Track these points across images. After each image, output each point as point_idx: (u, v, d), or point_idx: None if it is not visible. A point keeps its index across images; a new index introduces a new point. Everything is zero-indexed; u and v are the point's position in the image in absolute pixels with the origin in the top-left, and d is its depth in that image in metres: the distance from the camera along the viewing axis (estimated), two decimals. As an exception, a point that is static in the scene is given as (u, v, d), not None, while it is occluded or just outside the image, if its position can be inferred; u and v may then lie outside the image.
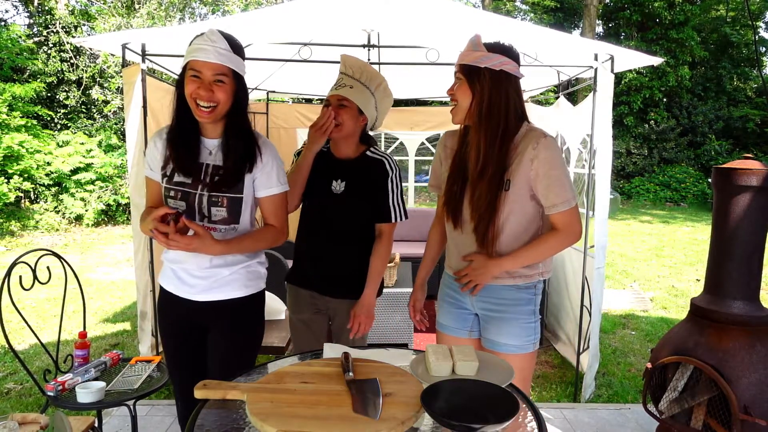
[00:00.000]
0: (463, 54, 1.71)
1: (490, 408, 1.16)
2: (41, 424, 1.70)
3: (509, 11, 19.16)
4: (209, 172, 1.72)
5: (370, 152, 2.11)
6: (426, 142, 5.80)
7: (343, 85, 2.03)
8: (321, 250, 2.11)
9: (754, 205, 2.20)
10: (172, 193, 1.71)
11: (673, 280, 6.72)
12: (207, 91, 1.61)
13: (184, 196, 1.71)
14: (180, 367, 1.92)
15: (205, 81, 1.61)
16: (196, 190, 1.71)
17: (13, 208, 9.57)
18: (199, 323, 1.86)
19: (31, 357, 3.94)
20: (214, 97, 1.62)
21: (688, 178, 15.56)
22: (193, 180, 1.71)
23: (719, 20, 18.56)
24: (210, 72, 1.61)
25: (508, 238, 1.72)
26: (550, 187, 1.66)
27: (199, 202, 1.71)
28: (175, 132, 1.72)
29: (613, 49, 3.24)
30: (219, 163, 1.73)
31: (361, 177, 2.07)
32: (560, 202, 1.67)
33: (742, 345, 2.19)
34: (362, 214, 2.09)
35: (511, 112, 1.68)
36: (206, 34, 1.63)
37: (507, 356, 1.74)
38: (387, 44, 3.58)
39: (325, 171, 2.09)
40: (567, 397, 3.42)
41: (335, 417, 1.18)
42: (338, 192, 2.07)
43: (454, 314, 1.89)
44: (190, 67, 1.62)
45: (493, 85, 1.66)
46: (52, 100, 11.73)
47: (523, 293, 1.78)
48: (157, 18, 11.70)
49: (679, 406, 2.28)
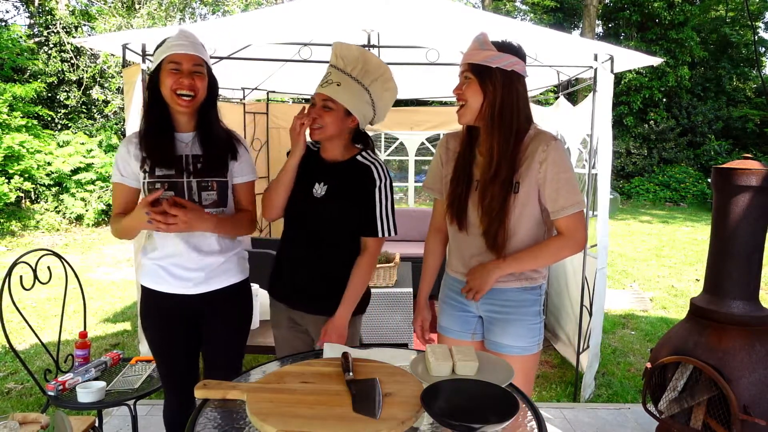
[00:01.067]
0: (471, 52, 1.66)
1: (490, 408, 1.16)
2: (42, 424, 1.70)
3: (509, 11, 19.16)
4: (190, 161, 1.80)
5: (361, 156, 1.90)
6: (426, 142, 5.81)
7: (330, 81, 1.80)
8: (298, 259, 1.91)
9: (754, 205, 2.20)
10: (158, 185, 1.76)
11: (672, 280, 6.72)
12: (188, 79, 1.71)
13: (172, 186, 1.77)
14: (173, 363, 1.94)
15: (185, 72, 1.71)
16: (182, 179, 1.78)
17: (13, 208, 9.58)
18: (192, 316, 1.89)
19: (32, 357, 3.94)
20: (194, 86, 1.72)
21: (687, 178, 15.56)
22: (176, 171, 1.78)
23: (719, 20, 18.56)
24: (189, 63, 1.71)
25: (518, 242, 1.70)
26: (559, 190, 1.64)
27: (188, 188, 1.78)
28: (151, 130, 1.78)
29: (612, 49, 3.24)
30: (197, 153, 1.81)
31: (345, 181, 1.86)
32: (569, 205, 1.64)
33: (741, 345, 2.19)
34: (343, 221, 1.88)
35: (521, 112, 1.67)
36: (179, 32, 1.74)
37: (511, 358, 1.72)
38: (387, 44, 3.58)
39: (309, 173, 1.90)
40: (567, 396, 3.42)
41: (335, 417, 1.18)
42: (318, 196, 1.87)
43: (457, 317, 1.86)
44: (169, 61, 1.70)
45: (505, 86, 1.63)
46: (53, 101, 11.73)
47: (529, 294, 1.76)
48: (158, 18, 11.71)
49: (678, 405, 2.28)
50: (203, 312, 1.89)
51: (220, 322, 1.91)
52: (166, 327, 1.90)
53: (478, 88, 1.64)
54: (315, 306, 1.90)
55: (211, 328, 1.91)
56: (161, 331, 1.91)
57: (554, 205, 1.66)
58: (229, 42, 3.47)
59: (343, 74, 1.80)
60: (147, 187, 1.77)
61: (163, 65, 1.71)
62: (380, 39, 3.72)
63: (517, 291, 1.75)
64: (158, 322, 1.91)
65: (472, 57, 1.65)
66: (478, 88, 1.64)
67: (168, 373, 1.96)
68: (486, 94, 1.64)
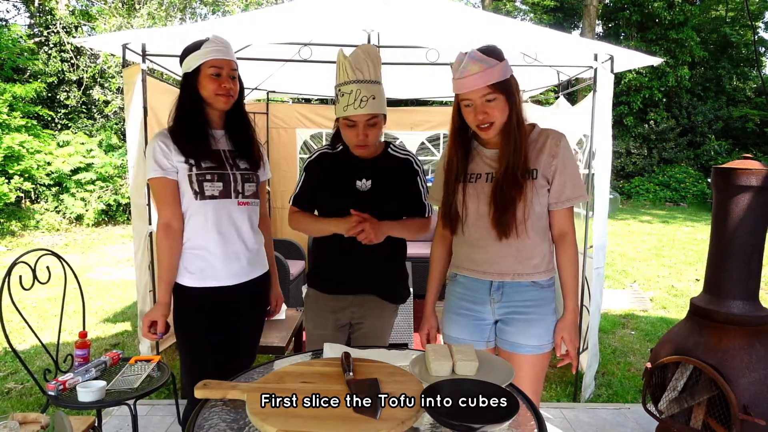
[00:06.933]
0: (483, 73, 1.61)
1: (490, 408, 1.16)
2: (42, 424, 1.70)
3: (509, 11, 19.16)
4: (227, 156, 1.95)
5: (391, 150, 2.08)
6: (426, 142, 5.80)
7: (364, 99, 1.83)
8: (346, 251, 2.00)
9: (754, 205, 2.20)
10: (209, 176, 1.88)
11: (672, 280, 6.72)
12: (228, 83, 1.87)
13: (221, 177, 1.90)
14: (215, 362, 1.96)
15: (225, 76, 1.87)
16: (228, 170, 1.92)
17: (13, 208, 9.57)
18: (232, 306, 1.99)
19: (32, 357, 3.94)
20: (233, 89, 1.90)
21: (687, 178, 15.56)
22: (219, 164, 1.91)
23: (719, 20, 18.56)
24: (228, 68, 1.88)
25: (534, 225, 1.74)
26: (566, 182, 1.72)
27: (234, 180, 1.93)
28: (192, 126, 1.89)
29: (612, 49, 3.24)
30: (230, 148, 1.96)
31: (389, 176, 2.02)
32: (575, 196, 1.72)
33: (741, 345, 2.19)
34: (389, 211, 2.01)
35: None
36: (213, 38, 1.88)
37: (525, 357, 1.74)
38: (387, 44, 3.58)
39: (348, 170, 2.02)
40: (567, 396, 3.42)
41: (335, 417, 1.18)
42: (364, 190, 2.00)
43: (471, 327, 1.84)
44: (210, 65, 1.84)
45: (516, 90, 1.68)
46: (53, 101, 11.72)
47: (546, 292, 1.79)
48: (158, 18, 11.70)
49: (678, 405, 2.28)
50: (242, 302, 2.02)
51: (255, 312, 2.11)
52: (212, 325, 1.97)
53: (505, 104, 1.66)
54: (360, 288, 2.05)
55: (248, 317, 2.07)
56: (208, 332, 1.96)
57: (560, 196, 1.73)
58: (229, 42, 3.47)
59: (369, 84, 1.85)
60: (197, 178, 1.87)
61: (203, 68, 1.85)
62: (380, 39, 3.71)
63: (535, 288, 1.77)
64: (208, 321, 1.96)
65: (488, 77, 1.61)
66: (505, 104, 1.66)
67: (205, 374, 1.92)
68: (512, 106, 1.67)
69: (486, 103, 1.64)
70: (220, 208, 1.90)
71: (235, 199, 1.93)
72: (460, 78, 1.63)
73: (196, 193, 1.87)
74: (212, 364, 1.93)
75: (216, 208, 1.89)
